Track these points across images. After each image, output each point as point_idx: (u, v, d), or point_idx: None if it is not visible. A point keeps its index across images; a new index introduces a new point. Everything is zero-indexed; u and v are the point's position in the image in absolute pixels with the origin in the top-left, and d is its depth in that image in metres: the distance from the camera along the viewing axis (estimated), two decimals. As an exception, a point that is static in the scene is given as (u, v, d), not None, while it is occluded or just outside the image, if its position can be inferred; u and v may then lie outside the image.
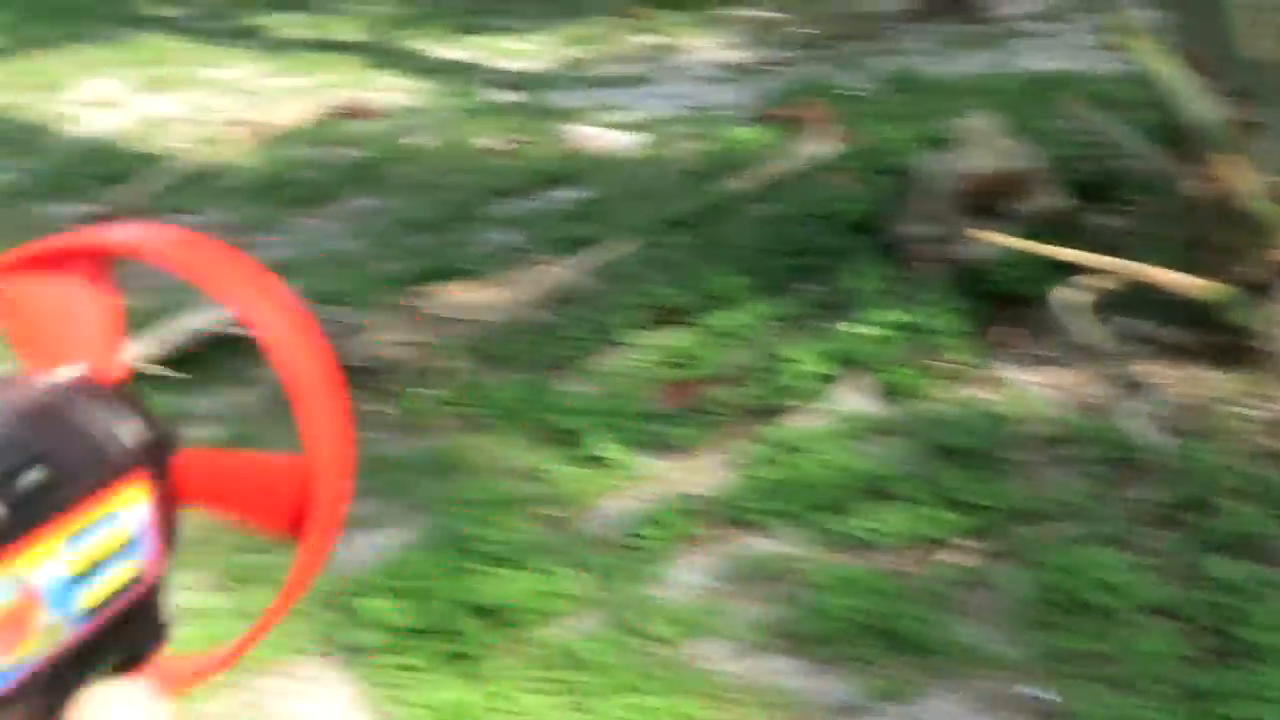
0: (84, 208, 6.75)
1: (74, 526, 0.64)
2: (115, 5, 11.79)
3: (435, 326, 5.01)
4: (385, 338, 4.86)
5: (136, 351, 4.86)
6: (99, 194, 6.95)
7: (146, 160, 7.41)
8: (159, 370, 4.70)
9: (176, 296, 5.50)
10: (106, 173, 7.21)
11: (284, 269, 5.68)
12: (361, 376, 4.58)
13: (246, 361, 4.87)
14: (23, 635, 0.62)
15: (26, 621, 0.62)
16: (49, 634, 0.63)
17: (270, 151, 7.45)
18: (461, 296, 5.31)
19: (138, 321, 5.24)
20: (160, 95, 8.89)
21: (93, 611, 0.65)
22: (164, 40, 10.36)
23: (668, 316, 4.95)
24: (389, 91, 8.55)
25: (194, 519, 0.71)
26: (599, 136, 7.14)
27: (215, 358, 4.87)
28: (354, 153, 7.37)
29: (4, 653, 0.61)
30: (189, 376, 4.71)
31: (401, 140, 7.43)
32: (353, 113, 8.06)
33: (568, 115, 7.66)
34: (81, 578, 0.65)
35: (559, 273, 5.41)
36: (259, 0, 11.74)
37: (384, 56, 9.53)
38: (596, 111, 7.73)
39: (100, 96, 8.86)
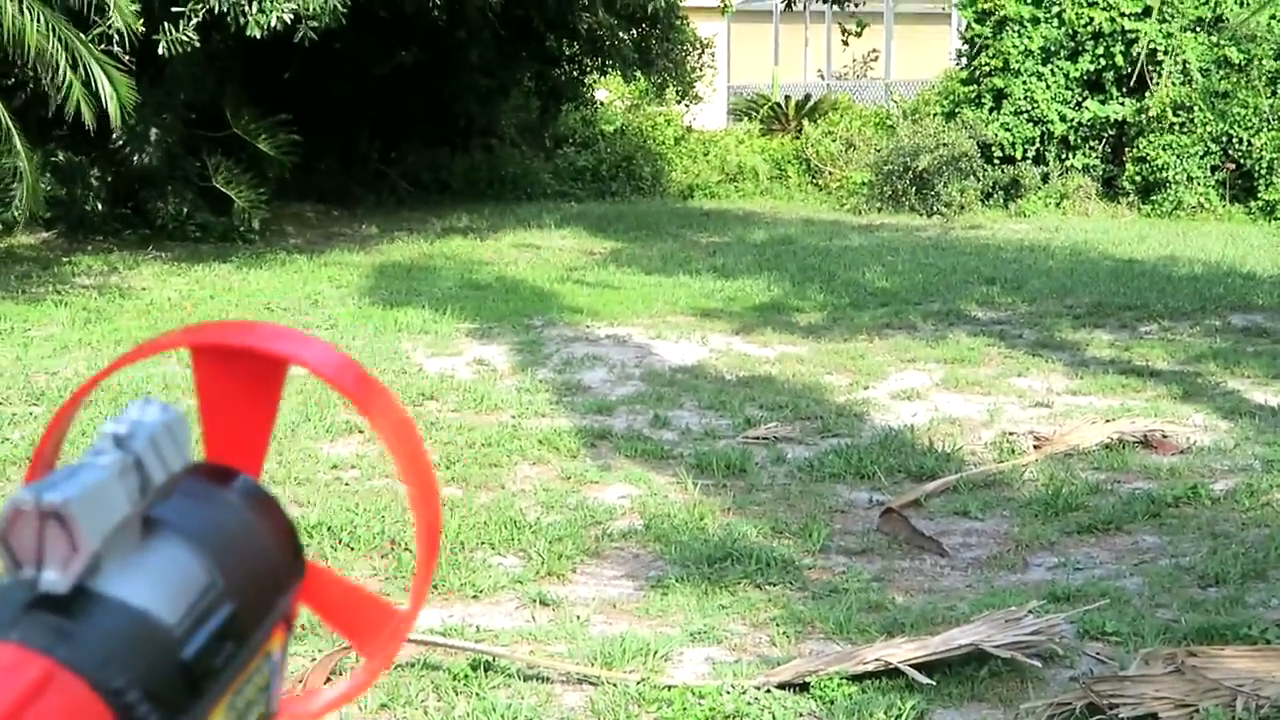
0: (873, 495, 7.02)
1: (243, 682, 0.63)
2: (940, 302, 12.37)
3: (1206, 690, 4.68)
4: (1152, 691, 4.60)
5: (897, 648, 4.93)
6: (887, 483, 7.22)
7: (937, 457, 7.61)
8: (909, 670, 4.72)
9: (949, 601, 5.55)
10: (898, 464, 7.48)
11: (1054, 594, 5.59)
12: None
13: (1000, 683, 4.80)
14: None
15: None
16: None
17: (1056, 469, 7.41)
18: (1240, 663, 4.94)
19: (908, 621, 5.33)
20: (961, 395, 9.15)
21: None
22: (974, 341, 10.70)
23: None
24: (1191, 427, 8.28)
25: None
26: None
27: (968, 672, 4.83)
28: (1144, 485, 7.17)
29: None
30: (933, 683, 4.69)
31: (1198, 481, 7.14)
32: (1149, 443, 7.87)
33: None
34: None
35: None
36: (1069, 314, 11.90)
37: (1191, 389, 9.28)
38: None
39: (907, 388, 9.26)
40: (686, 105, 23.17)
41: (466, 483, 7.16)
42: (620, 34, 20.99)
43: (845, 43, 24.00)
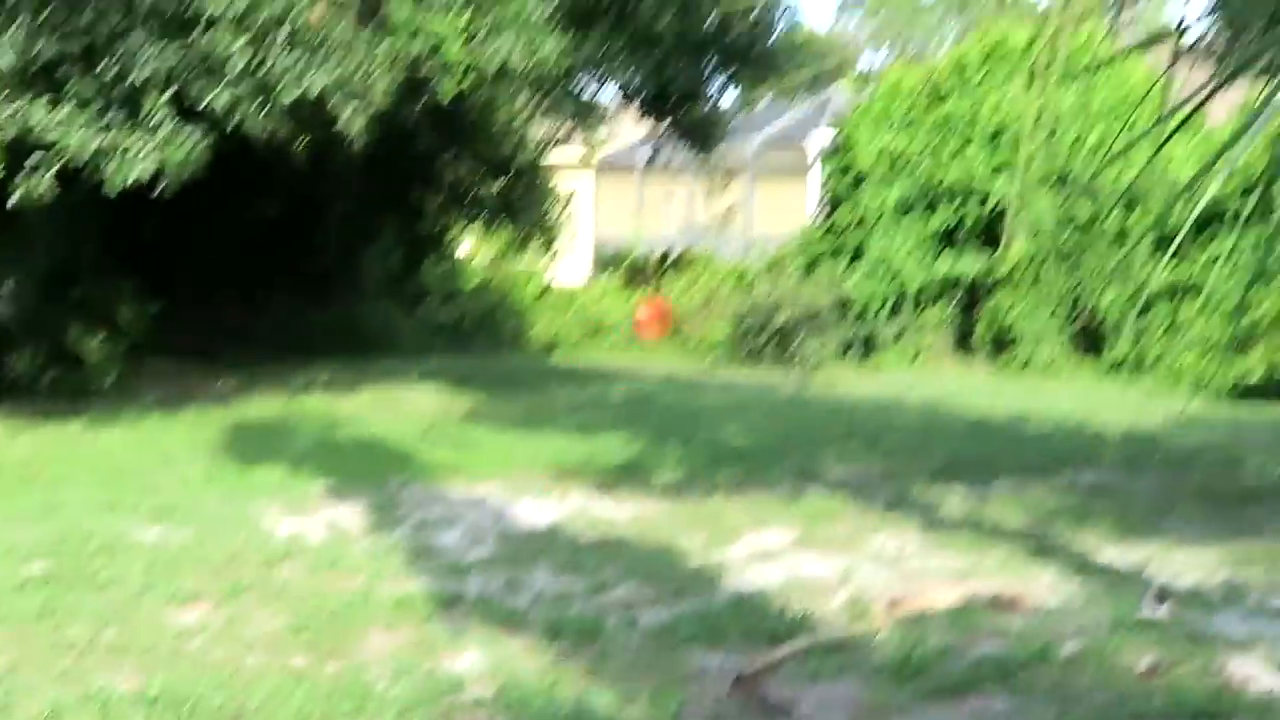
0: (726, 662, 6.98)
1: None
2: (798, 459, 12.48)
3: None
4: None
5: None
6: (741, 649, 7.18)
7: (790, 622, 7.61)
8: None
9: None
10: (752, 627, 7.46)
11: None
12: None
13: None
14: None
15: None
16: None
17: (908, 632, 7.44)
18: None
19: None
20: (815, 554, 9.20)
21: None
22: (829, 500, 10.80)
23: None
24: (1041, 586, 8.40)
25: None
26: (1261, 678, 6.61)
27: None
28: (994, 647, 7.23)
29: None
30: None
31: (1047, 642, 7.22)
32: (1001, 603, 7.95)
33: (1225, 645, 7.18)
34: None
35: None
36: (923, 471, 12.06)
37: (1041, 547, 9.43)
38: (1262, 646, 7.20)
39: (762, 549, 9.29)
40: (550, 258, 23.37)
41: (316, 650, 7.00)
42: (484, 186, 21.18)
43: (707, 200, 24.45)
